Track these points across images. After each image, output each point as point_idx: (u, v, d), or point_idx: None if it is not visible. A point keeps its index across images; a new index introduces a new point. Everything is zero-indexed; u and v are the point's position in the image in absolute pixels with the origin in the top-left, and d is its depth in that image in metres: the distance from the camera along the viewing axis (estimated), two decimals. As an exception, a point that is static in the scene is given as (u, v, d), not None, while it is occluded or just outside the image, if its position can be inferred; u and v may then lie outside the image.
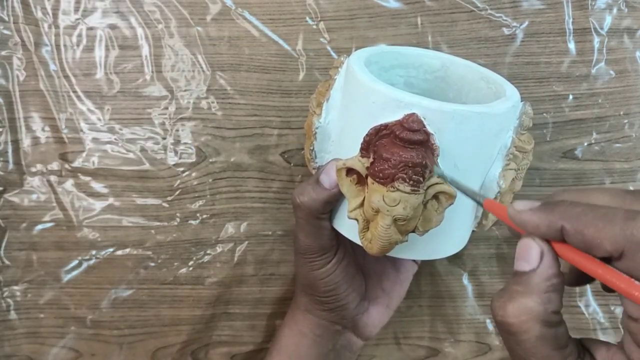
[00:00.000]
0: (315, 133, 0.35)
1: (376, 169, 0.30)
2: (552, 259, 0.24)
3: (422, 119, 0.29)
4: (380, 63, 0.36)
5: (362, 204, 0.32)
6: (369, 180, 0.30)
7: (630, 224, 0.22)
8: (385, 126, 0.30)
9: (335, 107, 0.34)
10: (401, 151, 0.29)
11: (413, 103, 0.30)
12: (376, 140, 0.30)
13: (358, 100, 0.32)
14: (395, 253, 0.32)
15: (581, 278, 0.28)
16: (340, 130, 0.34)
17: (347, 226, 0.35)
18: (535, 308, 0.24)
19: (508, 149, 0.33)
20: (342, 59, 0.35)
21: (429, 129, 0.30)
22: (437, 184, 0.30)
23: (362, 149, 0.31)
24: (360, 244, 0.33)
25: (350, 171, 0.32)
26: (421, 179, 0.29)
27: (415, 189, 0.29)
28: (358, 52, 0.35)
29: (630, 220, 0.22)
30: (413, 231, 0.31)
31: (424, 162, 0.29)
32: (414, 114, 0.29)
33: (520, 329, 0.24)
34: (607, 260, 0.23)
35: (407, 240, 0.31)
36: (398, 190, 0.29)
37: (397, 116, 0.30)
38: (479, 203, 0.29)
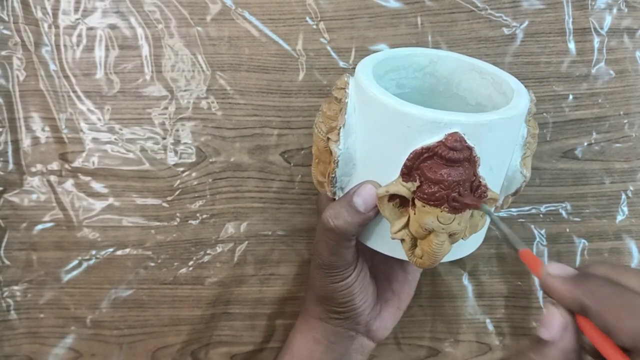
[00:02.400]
0: (338, 161, 0.33)
1: (427, 192, 0.30)
2: (573, 333, 0.24)
3: (463, 136, 0.29)
4: (376, 73, 0.36)
5: (406, 225, 0.32)
6: (418, 203, 0.31)
7: None
8: (427, 149, 0.30)
9: (353, 131, 0.33)
10: (450, 171, 0.29)
11: (452, 122, 0.29)
12: (419, 164, 0.30)
13: (387, 125, 0.31)
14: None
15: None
16: (365, 154, 0.33)
17: (387, 245, 0.34)
18: None
19: (525, 138, 0.34)
20: (345, 79, 0.34)
21: (469, 143, 0.30)
22: (483, 193, 0.31)
23: (403, 174, 0.31)
24: (406, 259, 0.33)
25: (392, 196, 0.32)
26: (470, 192, 0.30)
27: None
28: (362, 70, 0.34)
29: None
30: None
31: (470, 176, 0.30)
32: (456, 133, 0.29)
33: None
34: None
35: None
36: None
37: (436, 137, 0.30)
38: (516, 250, 0.30)
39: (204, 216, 0.46)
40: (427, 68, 0.39)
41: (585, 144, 0.45)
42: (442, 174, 0.29)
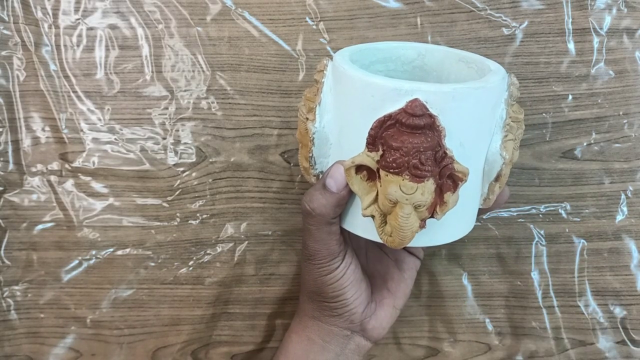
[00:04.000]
0: (313, 139, 0.34)
1: (388, 160, 0.30)
2: None
3: (425, 103, 0.30)
4: (361, 61, 0.36)
5: (375, 199, 0.32)
6: (382, 173, 0.31)
7: None
8: (389, 116, 0.30)
9: (328, 110, 0.34)
10: (410, 138, 0.29)
11: (413, 89, 0.30)
12: (382, 132, 0.30)
13: (354, 97, 0.32)
14: (415, 242, 0.32)
15: None
16: (339, 131, 0.34)
17: (361, 225, 0.35)
18: None
19: (504, 120, 0.34)
20: (324, 61, 0.35)
21: (432, 111, 0.30)
22: (449, 164, 0.30)
23: (368, 144, 0.31)
24: (378, 240, 0.33)
25: (359, 168, 0.32)
26: (434, 161, 0.30)
27: (430, 173, 0.30)
28: (340, 52, 0.35)
29: None
30: (432, 216, 0.31)
31: (433, 145, 0.30)
32: (416, 99, 0.30)
33: None
34: None
35: (425, 227, 0.32)
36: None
37: (399, 105, 0.30)
38: None
39: (204, 216, 0.46)
40: (416, 61, 0.39)
41: (585, 144, 0.45)
42: (402, 141, 0.30)
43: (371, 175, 0.32)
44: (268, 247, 0.47)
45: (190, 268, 0.46)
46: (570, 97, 0.45)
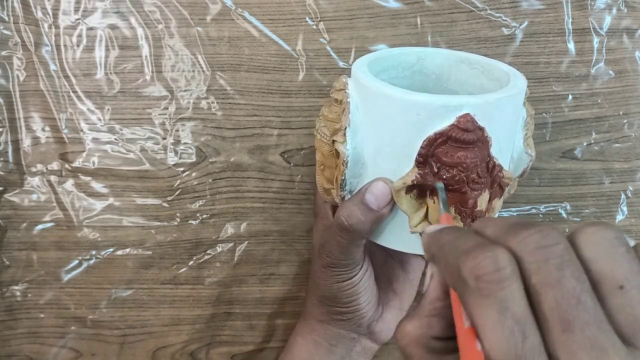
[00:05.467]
0: (346, 162, 0.33)
1: (445, 177, 0.30)
2: (438, 282, 0.24)
3: (474, 116, 0.30)
4: (370, 73, 0.36)
5: (425, 216, 0.32)
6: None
7: (462, 259, 0.20)
8: (441, 134, 0.30)
9: (358, 130, 0.33)
10: (465, 153, 0.30)
11: (462, 104, 0.30)
12: (433, 150, 0.30)
13: (396, 117, 0.31)
14: None
15: None
16: (374, 151, 0.33)
17: (406, 242, 0.34)
18: (413, 332, 0.23)
19: (525, 119, 0.34)
20: (343, 80, 0.34)
21: (480, 123, 0.30)
22: (498, 172, 0.31)
23: (419, 163, 0.31)
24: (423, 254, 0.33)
25: (409, 188, 0.32)
26: (487, 172, 0.30)
27: (485, 184, 0.30)
28: (359, 68, 0.34)
29: (463, 255, 0.20)
30: None
31: (484, 156, 0.30)
32: (467, 114, 0.30)
33: (406, 352, 0.23)
34: None
35: None
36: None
37: (447, 121, 0.30)
38: (441, 212, 0.30)
39: (204, 216, 0.46)
40: (416, 66, 0.39)
41: (585, 144, 0.45)
42: (459, 157, 0.30)
43: (420, 193, 0.32)
44: (268, 247, 0.47)
45: (191, 268, 0.46)
46: (570, 97, 0.45)
